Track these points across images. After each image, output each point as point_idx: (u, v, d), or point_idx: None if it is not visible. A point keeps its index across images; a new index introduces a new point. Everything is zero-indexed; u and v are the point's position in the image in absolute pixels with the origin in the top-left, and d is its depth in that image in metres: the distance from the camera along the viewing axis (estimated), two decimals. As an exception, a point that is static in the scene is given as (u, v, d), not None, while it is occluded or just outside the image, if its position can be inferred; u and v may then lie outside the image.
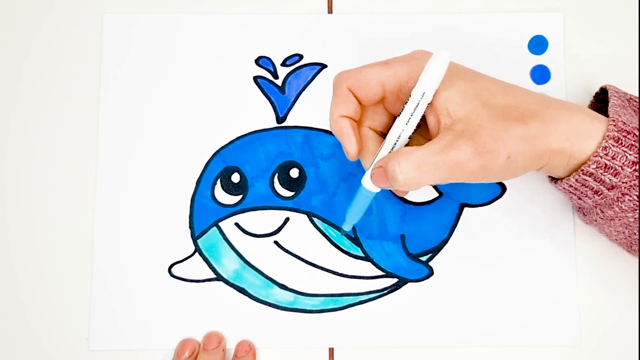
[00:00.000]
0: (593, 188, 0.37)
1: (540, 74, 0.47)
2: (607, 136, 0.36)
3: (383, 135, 0.40)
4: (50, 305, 0.45)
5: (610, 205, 0.38)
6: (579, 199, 0.39)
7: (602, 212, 0.39)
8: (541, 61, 0.47)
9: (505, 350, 0.45)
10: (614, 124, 0.36)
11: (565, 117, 0.36)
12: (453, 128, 0.35)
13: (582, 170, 0.37)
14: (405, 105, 0.36)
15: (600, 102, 0.44)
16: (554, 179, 0.41)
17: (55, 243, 0.46)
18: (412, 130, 0.37)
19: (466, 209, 0.46)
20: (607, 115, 0.38)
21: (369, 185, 0.39)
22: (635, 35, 0.48)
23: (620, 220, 0.39)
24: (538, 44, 0.47)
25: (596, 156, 0.36)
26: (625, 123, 0.36)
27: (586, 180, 0.37)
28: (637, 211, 0.37)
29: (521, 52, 0.47)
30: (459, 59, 0.47)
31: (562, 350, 0.45)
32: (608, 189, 0.37)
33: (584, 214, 0.42)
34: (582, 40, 0.48)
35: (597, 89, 0.43)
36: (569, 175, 0.38)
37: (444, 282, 0.45)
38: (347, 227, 0.43)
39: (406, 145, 0.38)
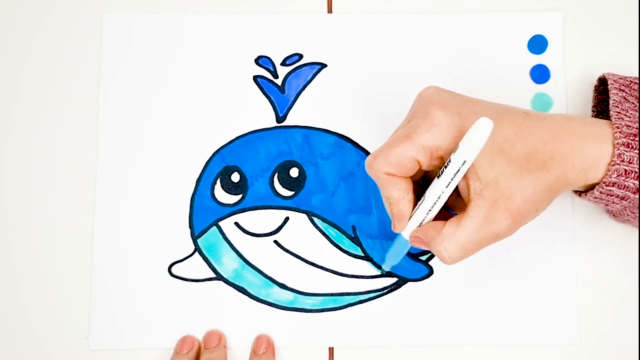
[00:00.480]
0: (619, 195, 0.38)
1: (540, 74, 0.47)
2: (617, 144, 0.36)
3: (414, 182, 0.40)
4: (50, 304, 0.45)
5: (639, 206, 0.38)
6: (607, 205, 0.40)
7: (633, 212, 0.40)
8: (541, 61, 0.47)
9: (505, 350, 0.45)
10: (619, 130, 0.37)
11: (578, 151, 0.37)
12: (484, 196, 0.36)
13: (604, 182, 0.37)
14: (444, 169, 0.36)
15: (603, 92, 0.44)
16: (576, 191, 0.41)
17: (55, 243, 0.46)
18: (450, 193, 0.37)
19: (466, 209, 0.46)
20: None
21: (407, 238, 0.40)
22: (635, 34, 0.48)
23: None
24: (538, 44, 0.47)
25: (614, 164, 0.36)
26: (629, 125, 0.37)
27: (611, 190, 0.38)
28: None
29: (521, 51, 0.47)
30: (459, 59, 0.47)
31: (562, 350, 0.45)
32: (633, 193, 0.37)
33: (614, 215, 0.42)
34: (582, 39, 0.48)
35: (603, 76, 0.43)
36: (592, 189, 0.38)
37: (443, 281, 0.45)
38: (386, 267, 0.45)
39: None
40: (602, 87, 0.44)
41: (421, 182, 0.41)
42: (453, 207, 0.40)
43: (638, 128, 0.37)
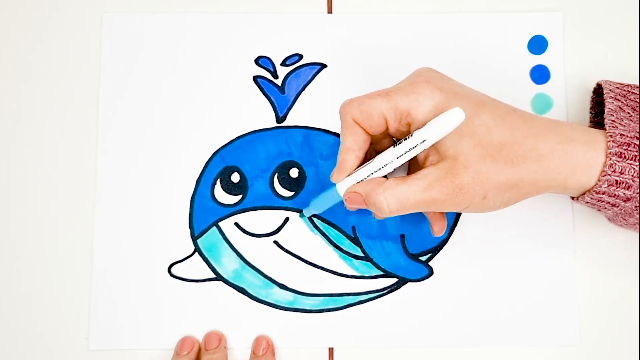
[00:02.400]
0: (609, 202, 0.38)
1: (540, 74, 0.47)
2: (610, 153, 0.36)
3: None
4: (50, 304, 0.45)
5: (630, 213, 0.39)
6: (599, 210, 0.40)
7: (625, 219, 0.40)
8: (541, 61, 0.47)
9: (505, 350, 0.45)
10: (612, 139, 0.37)
11: (559, 153, 0.37)
12: (438, 166, 0.37)
13: (594, 190, 0.37)
14: (403, 140, 0.37)
15: (601, 95, 0.44)
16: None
17: (55, 243, 0.46)
18: (399, 165, 0.38)
19: (466, 209, 0.46)
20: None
21: (341, 194, 0.40)
22: (635, 34, 0.48)
23: None
24: (538, 44, 0.47)
25: (605, 175, 0.36)
26: (623, 134, 0.37)
27: (601, 197, 0.38)
28: None
29: (521, 52, 0.47)
30: (459, 59, 0.47)
31: (562, 350, 0.45)
32: (624, 201, 0.38)
33: (609, 219, 0.42)
34: (582, 40, 0.48)
35: (600, 83, 0.43)
36: (584, 194, 0.38)
37: (443, 282, 0.45)
38: (307, 213, 0.44)
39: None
40: (599, 98, 0.44)
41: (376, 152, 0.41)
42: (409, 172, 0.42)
43: (632, 137, 0.37)
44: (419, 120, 0.37)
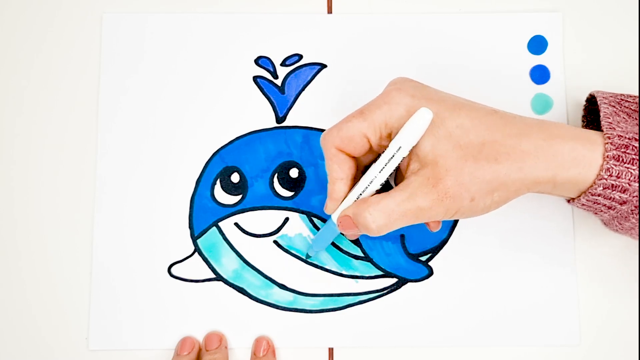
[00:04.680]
0: (606, 205, 0.38)
1: (540, 74, 0.47)
2: (607, 157, 0.36)
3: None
4: (50, 304, 0.45)
5: (626, 217, 0.38)
6: (595, 213, 0.40)
7: (620, 223, 0.39)
8: (541, 61, 0.47)
9: (505, 350, 0.45)
10: (610, 141, 0.36)
11: (546, 150, 0.36)
12: (419, 174, 0.36)
13: (590, 192, 0.37)
14: (381, 155, 0.37)
15: (593, 103, 0.44)
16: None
17: (55, 243, 0.46)
18: (384, 179, 0.38)
19: (466, 209, 0.46)
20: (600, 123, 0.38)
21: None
22: (635, 35, 0.48)
23: None
24: (537, 44, 0.47)
25: (601, 179, 0.36)
26: (621, 136, 0.36)
27: (597, 199, 0.37)
28: None
29: (520, 52, 0.47)
30: (459, 59, 0.47)
31: (562, 350, 0.45)
32: (620, 204, 0.37)
33: (605, 224, 0.42)
34: (582, 40, 0.48)
35: (596, 89, 0.43)
36: (579, 196, 0.38)
37: (443, 282, 0.45)
38: (311, 252, 0.44)
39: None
40: (592, 106, 0.44)
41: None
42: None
43: (631, 139, 0.36)
44: (397, 128, 0.37)
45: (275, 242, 0.46)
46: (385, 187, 0.38)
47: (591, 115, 0.45)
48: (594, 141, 0.37)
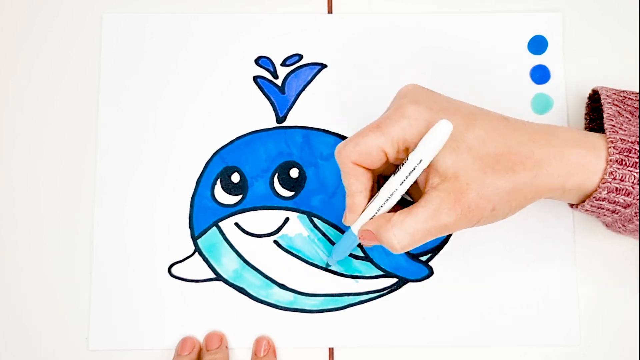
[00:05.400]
0: (609, 209, 0.38)
1: (540, 74, 0.47)
2: (610, 160, 0.36)
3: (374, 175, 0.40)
4: (50, 305, 0.45)
5: (630, 220, 0.39)
6: (599, 217, 0.40)
7: (624, 225, 0.40)
8: (541, 61, 0.47)
9: (505, 350, 0.45)
10: (613, 145, 0.36)
11: (557, 158, 0.36)
12: (440, 188, 0.36)
13: (594, 197, 0.37)
14: (401, 166, 0.37)
15: (596, 101, 0.44)
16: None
17: (55, 243, 0.46)
18: (404, 192, 0.37)
19: (466, 209, 0.46)
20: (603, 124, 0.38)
21: (357, 234, 0.40)
22: (635, 34, 0.48)
23: None
24: (538, 44, 0.47)
25: (605, 182, 0.36)
26: (624, 140, 0.37)
27: (601, 204, 0.38)
28: None
29: (521, 52, 0.47)
30: (459, 59, 0.47)
31: (562, 350, 0.45)
32: (624, 208, 0.37)
33: (607, 226, 0.42)
34: (582, 39, 0.48)
35: (596, 89, 0.43)
36: (583, 202, 0.38)
37: (443, 282, 0.45)
38: (331, 262, 0.44)
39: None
40: (594, 103, 0.44)
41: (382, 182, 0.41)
42: (413, 197, 0.41)
43: (633, 142, 0.36)
44: (415, 143, 0.36)
45: (275, 242, 0.46)
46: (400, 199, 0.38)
47: (594, 113, 0.45)
48: (597, 146, 0.37)
